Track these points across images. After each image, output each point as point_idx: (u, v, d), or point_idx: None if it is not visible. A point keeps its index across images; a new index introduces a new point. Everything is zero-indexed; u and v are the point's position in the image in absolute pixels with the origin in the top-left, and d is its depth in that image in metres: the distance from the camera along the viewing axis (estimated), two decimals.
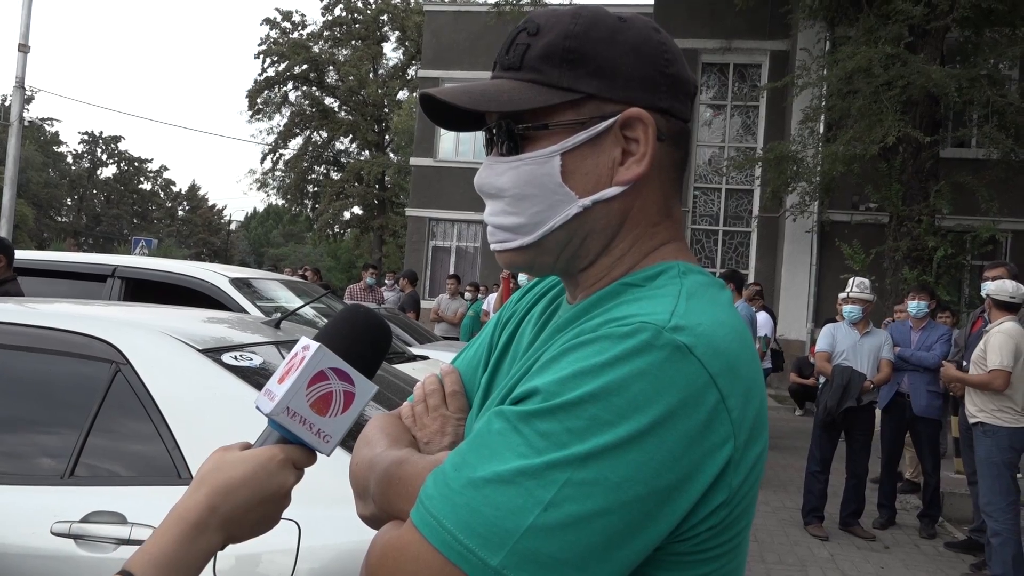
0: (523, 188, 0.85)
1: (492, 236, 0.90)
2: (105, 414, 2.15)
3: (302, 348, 0.88)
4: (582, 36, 0.84)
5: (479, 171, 0.90)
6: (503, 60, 0.88)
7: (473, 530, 0.69)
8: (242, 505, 0.83)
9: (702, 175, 16.54)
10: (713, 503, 0.74)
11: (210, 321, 2.81)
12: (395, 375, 3.22)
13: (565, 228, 0.85)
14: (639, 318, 0.75)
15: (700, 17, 15.56)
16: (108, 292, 4.61)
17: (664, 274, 0.84)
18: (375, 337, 0.95)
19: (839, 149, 10.28)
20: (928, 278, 9.85)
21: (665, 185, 0.89)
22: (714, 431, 0.72)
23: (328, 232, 37.31)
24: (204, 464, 0.86)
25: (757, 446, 0.78)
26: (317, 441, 0.87)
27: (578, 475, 0.69)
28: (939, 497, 6.37)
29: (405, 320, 8.48)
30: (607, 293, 0.85)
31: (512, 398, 0.77)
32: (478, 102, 0.85)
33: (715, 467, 0.73)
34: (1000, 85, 10.42)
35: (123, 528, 1.94)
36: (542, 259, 0.88)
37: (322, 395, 0.86)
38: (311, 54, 34.33)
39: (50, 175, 56.80)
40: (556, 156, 0.84)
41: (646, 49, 0.85)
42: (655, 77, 0.85)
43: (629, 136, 0.85)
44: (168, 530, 0.80)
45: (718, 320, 0.78)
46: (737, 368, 0.75)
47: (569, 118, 0.84)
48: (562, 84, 0.84)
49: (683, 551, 0.75)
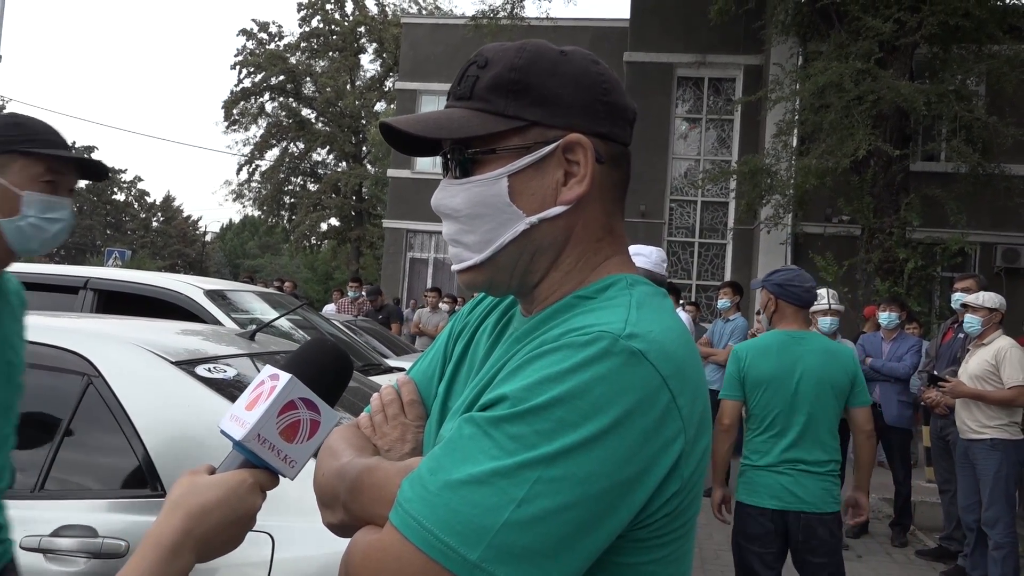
0: (475, 208, 0.92)
1: (453, 256, 0.96)
2: (76, 427, 2.13)
3: (270, 377, 0.93)
4: (526, 68, 0.91)
5: (435, 193, 0.97)
6: (455, 91, 0.96)
7: (452, 528, 0.74)
8: (215, 527, 0.86)
9: (678, 188, 16.68)
10: (668, 492, 0.81)
11: (184, 333, 2.79)
12: (369, 386, 3.22)
13: (515, 244, 0.92)
14: (597, 327, 0.81)
15: (675, 32, 15.74)
16: (80, 304, 4.56)
17: (614, 286, 0.91)
18: (340, 369, 1.01)
19: (812, 162, 10.41)
20: (899, 289, 10.00)
21: (606, 204, 0.96)
22: (667, 427, 0.79)
23: (305, 244, 37.10)
24: (175, 488, 0.89)
25: (704, 440, 0.85)
26: (283, 466, 0.91)
27: (548, 473, 0.74)
28: (910, 506, 6.46)
29: (382, 332, 8.46)
30: (562, 306, 0.91)
31: (480, 404, 0.82)
32: (431, 130, 0.93)
33: (669, 460, 0.80)
34: (967, 100, 10.61)
35: (94, 541, 1.92)
36: (497, 277, 0.95)
37: (291, 423, 0.91)
38: (288, 65, 34.21)
39: None
40: (504, 178, 0.91)
41: (585, 80, 0.93)
42: (594, 105, 0.93)
43: (571, 159, 0.92)
44: (145, 555, 0.83)
45: (666, 327, 0.85)
46: (685, 370, 0.82)
47: (515, 143, 0.91)
48: (508, 112, 0.91)
49: (642, 537, 0.82)
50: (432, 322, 10.96)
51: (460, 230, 0.94)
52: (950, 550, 5.83)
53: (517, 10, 15.01)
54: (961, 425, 5.09)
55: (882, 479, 6.63)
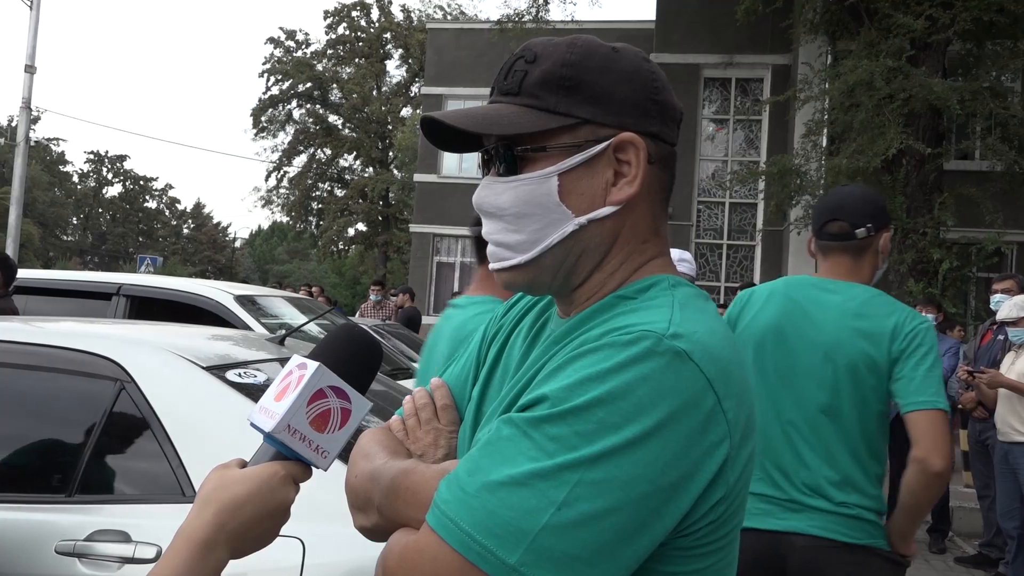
0: (523, 207, 0.90)
1: (492, 255, 0.93)
2: (109, 432, 2.15)
3: (297, 367, 0.91)
4: (578, 64, 0.89)
5: (478, 190, 0.94)
6: (501, 85, 0.93)
7: (490, 531, 0.72)
8: (248, 521, 0.84)
9: (705, 189, 16.56)
10: (712, 499, 0.79)
11: (214, 338, 2.81)
12: (398, 390, 3.21)
13: (562, 245, 0.90)
14: (640, 327, 0.80)
15: (701, 33, 15.64)
16: (113, 310, 4.62)
17: (655, 286, 0.89)
18: (368, 356, 0.99)
19: (842, 162, 10.27)
20: (934, 290, 9.82)
21: (654, 205, 0.94)
22: (712, 431, 0.77)
23: (332, 249, 37.43)
24: (205, 483, 0.87)
25: (749, 445, 0.83)
26: (315, 457, 0.89)
27: (589, 475, 0.72)
28: (948, 511, 6.32)
29: (409, 335, 8.46)
30: (602, 306, 0.89)
31: (519, 405, 0.80)
32: (481, 125, 0.90)
33: (714, 465, 0.77)
34: (1003, 97, 10.42)
35: (127, 546, 1.93)
36: (540, 278, 0.92)
37: (321, 412, 0.88)
38: (315, 72, 34.58)
39: (56, 194, 57.09)
40: (554, 177, 0.89)
41: (637, 77, 0.91)
42: (646, 104, 0.91)
43: (621, 159, 0.90)
44: (178, 552, 0.81)
45: (711, 328, 0.83)
46: (731, 372, 0.80)
47: (566, 141, 0.89)
48: (559, 109, 0.89)
49: (686, 545, 0.80)
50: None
51: (504, 229, 0.91)
52: (990, 557, 5.70)
53: (542, 14, 15.02)
54: (1003, 426, 4.98)
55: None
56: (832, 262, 2.23)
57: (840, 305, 2.13)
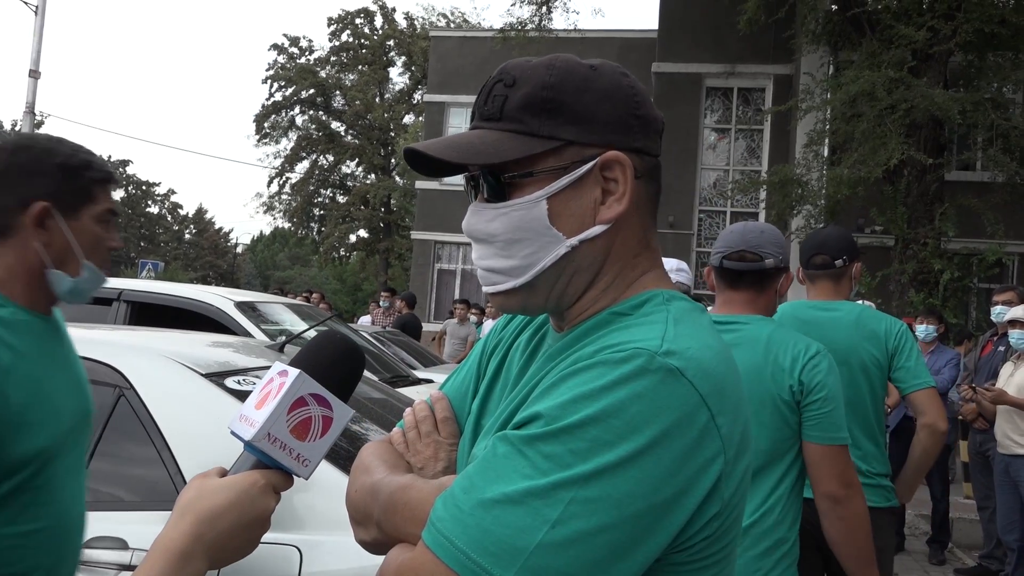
0: (514, 233, 0.89)
1: (484, 280, 0.93)
2: (108, 439, 2.14)
3: (278, 374, 0.89)
4: (558, 86, 0.89)
5: (467, 217, 0.94)
6: (482, 110, 0.92)
7: (485, 549, 0.72)
8: (227, 531, 0.84)
9: (707, 198, 16.57)
10: (707, 514, 0.79)
11: (214, 345, 2.81)
12: (398, 399, 3.21)
13: (554, 267, 0.90)
14: (633, 344, 0.79)
15: (704, 42, 15.68)
16: (114, 316, 4.62)
17: (650, 302, 0.89)
18: (350, 362, 0.98)
19: (843, 172, 10.28)
20: (935, 301, 9.81)
21: (644, 219, 0.94)
22: (706, 447, 0.77)
23: (334, 255, 37.41)
24: (184, 493, 0.87)
25: (744, 460, 0.83)
26: (296, 465, 0.88)
27: (582, 493, 0.73)
28: (948, 523, 6.30)
29: (409, 343, 8.46)
30: (597, 322, 0.89)
31: (514, 423, 0.80)
32: (466, 155, 0.89)
33: (708, 481, 0.77)
34: (1004, 108, 10.44)
35: (124, 554, 1.93)
36: (533, 300, 0.92)
37: (302, 420, 0.88)
38: (318, 79, 34.64)
39: None
40: (543, 201, 0.88)
41: (618, 94, 0.91)
42: (628, 120, 0.91)
43: (608, 177, 0.90)
44: (154, 563, 0.80)
45: (705, 343, 0.83)
46: (724, 388, 0.80)
47: (552, 164, 0.89)
48: (542, 133, 0.88)
49: (681, 561, 0.80)
50: (459, 334, 10.94)
51: (496, 254, 0.91)
52: (990, 569, 5.68)
53: (545, 22, 15.06)
54: (1003, 439, 4.96)
55: (919, 495, 6.48)
56: (819, 287, 2.80)
57: (841, 319, 2.69)
